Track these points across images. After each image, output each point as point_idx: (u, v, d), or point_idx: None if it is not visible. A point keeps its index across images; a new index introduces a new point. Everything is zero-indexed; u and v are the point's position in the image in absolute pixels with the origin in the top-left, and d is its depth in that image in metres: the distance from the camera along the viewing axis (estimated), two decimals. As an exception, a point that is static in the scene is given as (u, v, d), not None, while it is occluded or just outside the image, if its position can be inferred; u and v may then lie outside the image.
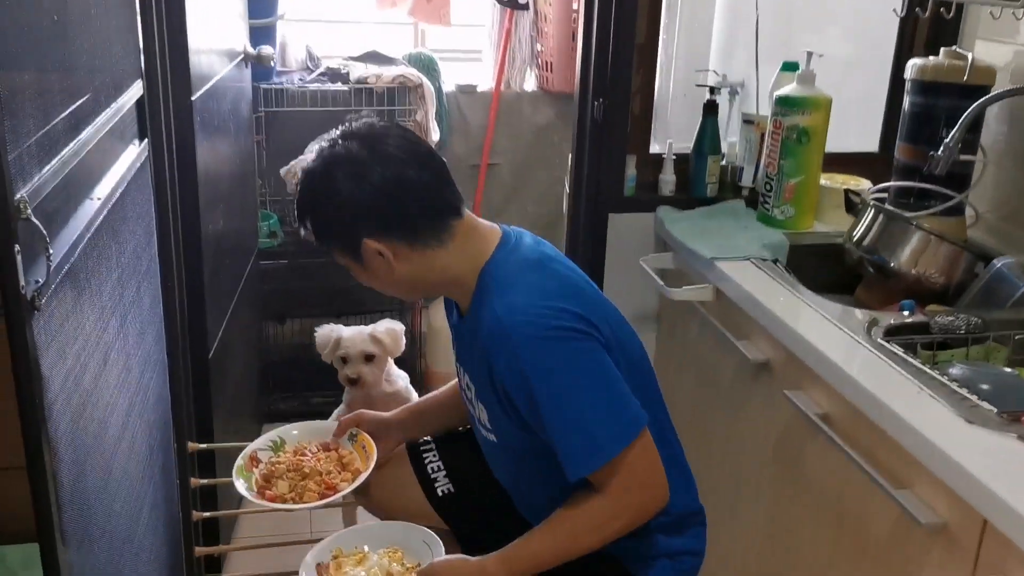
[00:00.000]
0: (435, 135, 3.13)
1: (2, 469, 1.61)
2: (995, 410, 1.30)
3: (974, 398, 1.33)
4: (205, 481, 2.19)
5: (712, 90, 2.13)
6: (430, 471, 1.77)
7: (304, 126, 3.09)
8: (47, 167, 1.10)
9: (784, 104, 2.00)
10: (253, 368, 2.99)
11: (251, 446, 1.79)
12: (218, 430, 2.29)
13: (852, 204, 1.99)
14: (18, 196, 0.98)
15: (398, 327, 2.30)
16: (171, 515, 1.89)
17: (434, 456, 1.78)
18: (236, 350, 2.58)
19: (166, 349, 1.81)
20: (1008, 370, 1.48)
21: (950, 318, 1.61)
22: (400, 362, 3.44)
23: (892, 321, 1.62)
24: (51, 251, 1.04)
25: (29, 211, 0.99)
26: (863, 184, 2.12)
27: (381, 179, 1.38)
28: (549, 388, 1.32)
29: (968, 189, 1.97)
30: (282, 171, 2.99)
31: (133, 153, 1.60)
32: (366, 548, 1.60)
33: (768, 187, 2.06)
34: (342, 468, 1.74)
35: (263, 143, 2.98)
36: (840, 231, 2.08)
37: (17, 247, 0.96)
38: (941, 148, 1.75)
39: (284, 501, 1.67)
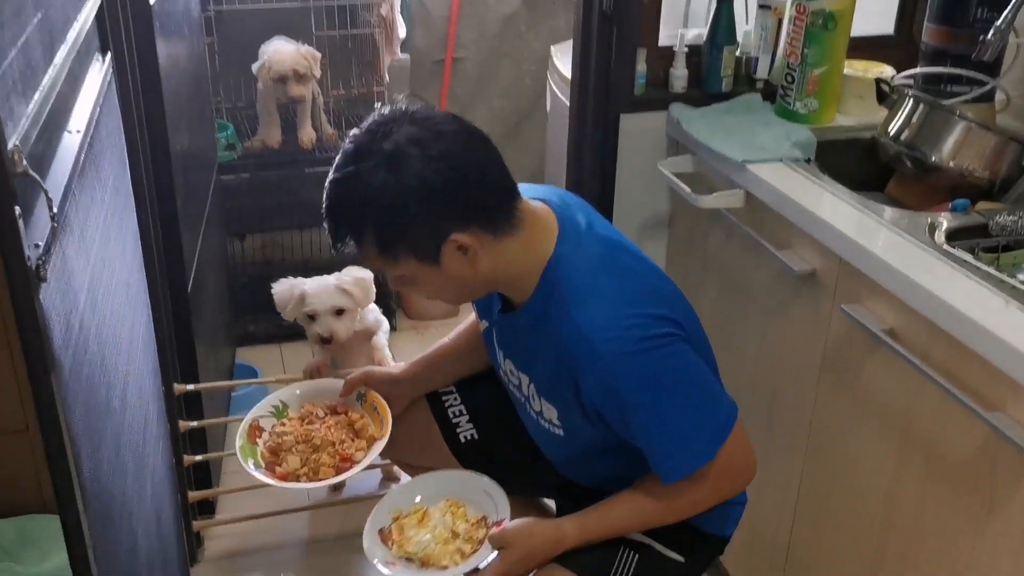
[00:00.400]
0: (402, 31, 2.89)
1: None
2: (1093, 321, 1.21)
3: (1066, 308, 1.24)
4: (195, 423, 2.04)
5: (728, -27, 1.95)
6: (451, 415, 1.65)
7: (257, 24, 2.82)
8: (32, 102, 0.90)
9: (808, -14, 1.84)
10: (224, 293, 2.80)
11: (251, 414, 1.63)
12: (200, 366, 2.12)
13: (883, 95, 1.86)
14: (11, 145, 0.79)
15: (367, 275, 2.10)
16: (168, 463, 1.74)
17: (455, 399, 1.66)
18: (209, 279, 2.39)
19: (147, 290, 1.63)
20: (1084, 273, 1.39)
21: (1012, 218, 1.50)
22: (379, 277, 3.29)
23: (951, 223, 1.51)
24: (55, 209, 0.85)
25: (25, 162, 0.80)
26: (886, 71, 1.98)
27: (456, 162, 1.22)
28: (644, 401, 1.27)
29: (1002, 73, 1.84)
30: (254, 67, 2.72)
31: (98, 72, 1.38)
32: (418, 500, 1.50)
33: (789, 79, 1.91)
34: (355, 435, 1.61)
35: (214, 45, 2.71)
36: (865, 123, 1.95)
37: (18, 210, 0.78)
38: (992, 32, 1.62)
39: (297, 478, 1.54)
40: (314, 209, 3.15)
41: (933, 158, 1.72)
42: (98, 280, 1.15)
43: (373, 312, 2.17)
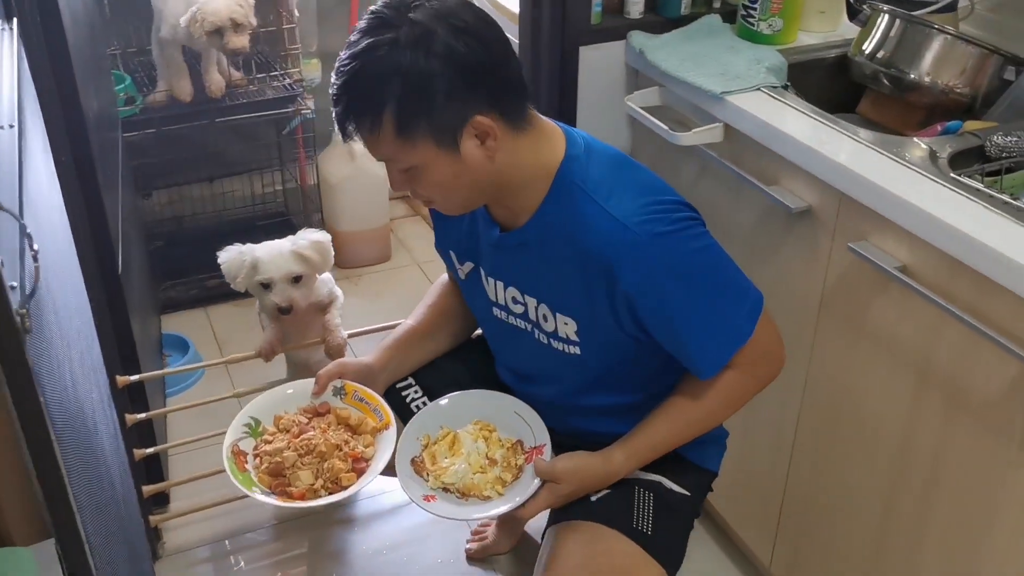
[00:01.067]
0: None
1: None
2: None
3: (1095, 236, 1.20)
4: (143, 415, 1.87)
5: None
6: (414, 410, 1.53)
7: (148, -36, 2.55)
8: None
9: (770, -103, 1.72)
10: (144, 261, 2.58)
11: (228, 439, 1.42)
12: (138, 349, 1.93)
13: (854, 10, 1.77)
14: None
15: (324, 238, 1.93)
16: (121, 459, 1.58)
17: (416, 391, 1.56)
18: (132, 251, 2.18)
19: (82, 277, 1.44)
20: (1092, 192, 1.36)
21: (1009, 138, 1.45)
22: (299, 223, 3.10)
23: (951, 148, 1.45)
24: (36, 247, 0.68)
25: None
26: (847, -16, 1.90)
27: (485, 39, 1.18)
28: (682, 282, 1.24)
29: (969, -19, 1.79)
30: (183, 20, 2.45)
31: (9, 46, 1.18)
32: (443, 424, 1.44)
33: (752, -2, 1.81)
34: (353, 432, 1.45)
35: (103, -10, 2.43)
36: (829, 40, 1.87)
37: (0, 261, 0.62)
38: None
39: (316, 493, 1.36)
40: (225, 159, 3.01)
41: (912, 75, 1.66)
42: (56, 289, 0.98)
43: (327, 283, 2.01)
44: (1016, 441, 1.25)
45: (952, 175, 1.37)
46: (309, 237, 1.90)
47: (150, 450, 1.89)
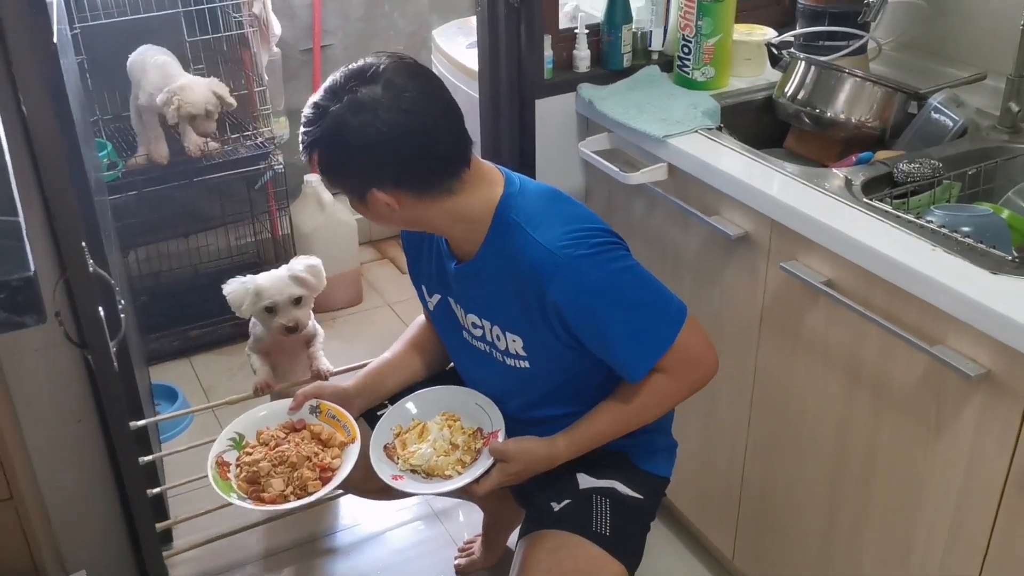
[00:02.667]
0: (276, 28, 2.84)
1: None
2: (1009, 256, 1.38)
3: (984, 247, 1.41)
4: (150, 457, 2.01)
5: (619, -46, 2.03)
6: None
7: (125, 36, 2.72)
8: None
9: (696, -38, 1.95)
10: (133, 316, 2.71)
11: (213, 451, 1.63)
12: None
13: (775, 58, 2.00)
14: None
15: (316, 262, 2.12)
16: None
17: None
18: (127, 307, 2.31)
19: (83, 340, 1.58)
20: (983, 208, 1.58)
21: (913, 165, 1.67)
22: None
23: (863, 176, 1.67)
24: (121, 301, 0.85)
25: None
26: (768, 32, 2.13)
27: (400, 133, 1.36)
28: (601, 297, 1.42)
29: (875, 26, 2.02)
30: (159, 99, 2.60)
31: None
32: (414, 415, 1.65)
33: (686, 50, 2.03)
34: (323, 445, 1.64)
35: (84, 64, 2.59)
36: (756, 84, 2.10)
37: (101, 312, 0.78)
38: (873, -4, 1.78)
39: (286, 499, 1.56)
40: (200, 215, 3.16)
41: (829, 113, 1.88)
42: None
43: (310, 320, 2.18)
44: (931, 424, 1.45)
45: (865, 200, 1.59)
46: (303, 262, 2.08)
47: (156, 489, 2.03)
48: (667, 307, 1.46)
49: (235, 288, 2.06)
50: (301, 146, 1.43)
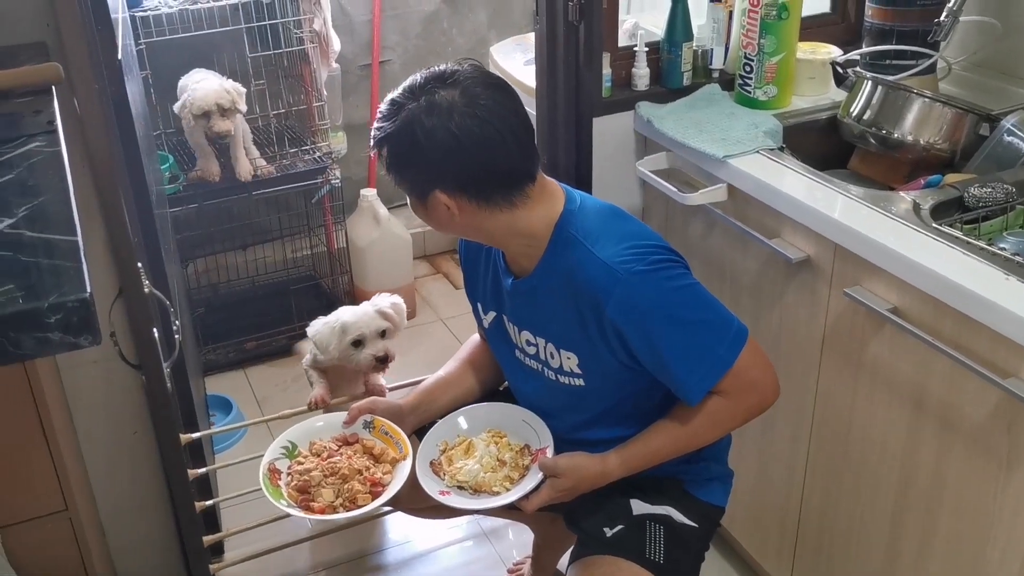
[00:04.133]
0: (336, 44, 2.86)
1: (37, 518, 1.43)
2: (1089, 286, 1.32)
3: (1061, 276, 1.35)
4: (203, 470, 2.02)
5: (680, -29, 2.01)
6: None
7: (189, 52, 2.76)
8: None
9: (760, -21, 1.91)
10: (190, 327, 2.75)
11: (266, 458, 1.64)
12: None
13: (840, 76, 1.95)
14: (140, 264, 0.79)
15: (399, 300, 2.13)
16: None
17: None
18: (185, 318, 2.35)
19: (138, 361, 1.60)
20: (1060, 236, 1.52)
21: (985, 189, 1.62)
22: (329, 285, 3.28)
23: (933, 201, 1.62)
24: (176, 322, 0.85)
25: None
26: (832, 51, 2.08)
27: (470, 141, 1.36)
28: (660, 315, 1.39)
29: (946, 45, 1.96)
30: (176, 106, 2.67)
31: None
32: (461, 432, 1.63)
33: (747, 68, 1.99)
34: (375, 460, 1.64)
35: (149, 78, 2.64)
36: (819, 103, 2.05)
37: (156, 333, 0.78)
38: (945, 13, 1.73)
39: (335, 510, 1.56)
40: (258, 227, 3.20)
41: (896, 135, 1.83)
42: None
43: None
44: (1002, 460, 1.39)
45: (934, 225, 1.53)
46: (388, 300, 2.09)
47: (208, 502, 2.04)
48: (727, 328, 1.43)
49: (320, 329, 2.06)
50: (372, 140, 1.44)
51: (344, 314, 2.05)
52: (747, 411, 1.48)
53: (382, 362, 2.06)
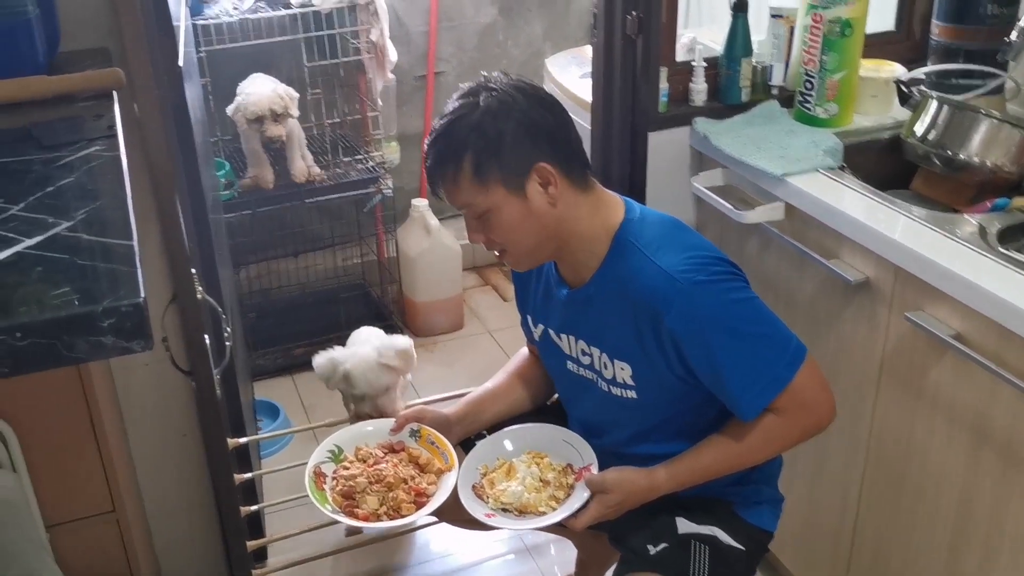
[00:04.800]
0: (392, 55, 2.87)
1: (84, 518, 1.44)
2: None
3: None
4: (248, 475, 2.03)
5: (742, -14, 1.98)
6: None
7: (247, 61, 2.80)
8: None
9: (823, -5, 1.88)
10: (241, 332, 2.77)
11: (312, 461, 1.64)
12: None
13: (905, 95, 1.91)
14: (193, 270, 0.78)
15: (407, 344, 2.03)
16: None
17: None
18: (236, 323, 2.36)
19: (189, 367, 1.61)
20: None
21: (1056, 214, 1.57)
22: (378, 294, 3.29)
23: (999, 224, 1.57)
24: (227, 329, 0.85)
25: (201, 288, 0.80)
26: (896, 69, 2.04)
27: (553, 109, 1.41)
28: (723, 327, 1.37)
29: (1015, 64, 1.91)
30: (229, 109, 2.69)
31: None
32: (500, 455, 1.60)
33: (808, 85, 1.95)
34: (420, 470, 1.63)
35: (208, 86, 2.67)
36: (882, 122, 2.01)
37: (207, 340, 0.78)
38: (1016, 32, 1.68)
39: (378, 518, 1.55)
40: (310, 235, 3.22)
41: (962, 156, 1.78)
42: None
43: None
44: (1070, 497, 1.34)
45: (1001, 249, 1.49)
46: (393, 347, 1.99)
47: (252, 508, 2.04)
48: (786, 344, 1.40)
49: (323, 363, 2.00)
50: (432, 172, 1.42)
51: (349, 361, 1.96)
52: (802, 431, 1.45)
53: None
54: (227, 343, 0.82)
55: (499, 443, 1.63)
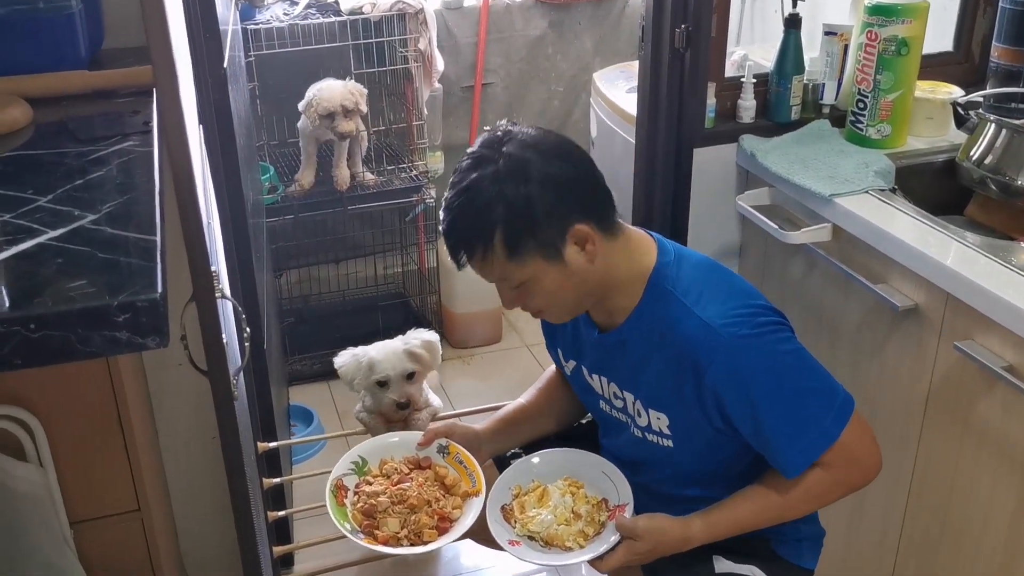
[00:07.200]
0: (440, 64, 2.87)
1: (109, 516, 1.43)
2: None
3: None
4: (277, 480, 2.02)
5: (795, 1, 1.94)
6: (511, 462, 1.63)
7: (296, 66, 2.81)
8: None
9: (879, 13, 1.83)
10: (278, 336, 2.77)
11: (334, 473, 1.58)
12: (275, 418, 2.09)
13: (961, 118, 1.85)
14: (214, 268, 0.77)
15: (434, 337, 1.99)
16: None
17: None
18: (273, 326, 2.36)
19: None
20: None
21: (1118, 245, 1.50)
22: (417, 304, 3.28)
23: (1057, 254, 1.51)
24: (247, 329, 0.83)
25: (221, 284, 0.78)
26: (954, 91, 1.98)
27: (572, 158, 1.32)
28: (765, 383, 1.30)
29: (1078, 91, 1.85)
30: (301, 105, 2.69)
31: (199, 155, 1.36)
32: (535, 478, 1.53)
33: (861, 105, 1.90)
34: (446, 491, 1.57)
35: (256, 90, 2.68)
36: (937, 145, 1.95)
37: (225, 338, 0.76)
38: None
39: (399, 542, 1.49)
40: (351, 242, 3.22)
41: (1020, 182, 1.72)
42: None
43: (426, 391, 2.05)
44: (1125, 543, 1.27)
45: (1058, 280, 1.42)
46: (420, 337, 1.97)
47: (281, 513, 2.03)
48: (833, 398, 1.33)
49: (347, 361, 1.97)
50: (458, 254, 1.32)
51: (373, 351, 1.94)
52: (847, 487, 1.39)
53: (402, 408, 1.93)
54: (245, 343, 0.81)
55: (536, 464, 1.56)
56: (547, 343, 1.62)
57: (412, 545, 1.50)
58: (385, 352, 1.95)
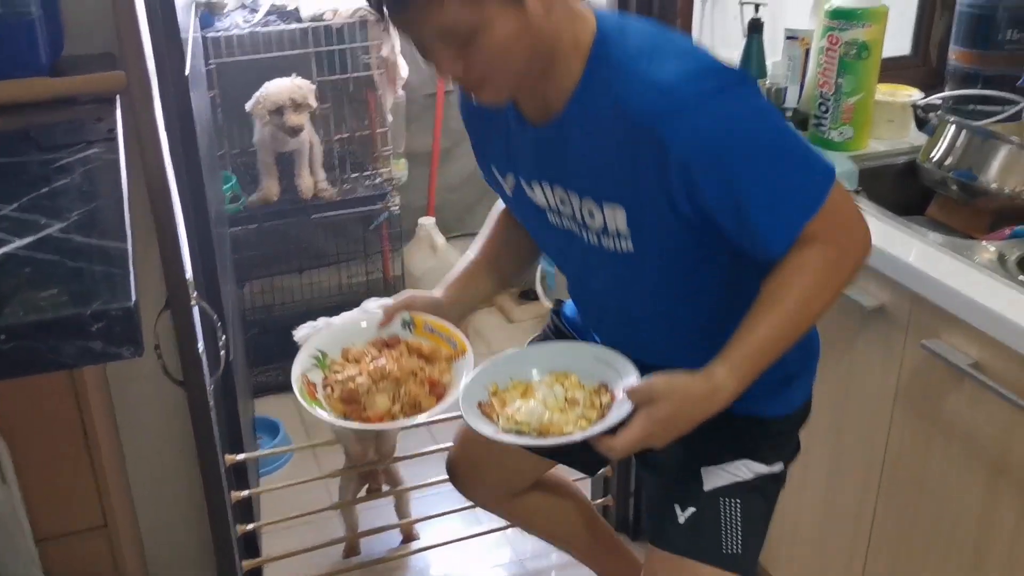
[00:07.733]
0: (404, 71, 2.86)
1: (75, 533, 1.40)
2: None
3: None
4: (245, 493, 1.99)
5: (756, 6, 1.96)
6: None
7: (257, 75, 2.78)
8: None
9: (840, 17, 1.85)
10: (242, 348, 2.74)
11: (296, 370, 1.38)
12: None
13: (921, 120, 1.88)
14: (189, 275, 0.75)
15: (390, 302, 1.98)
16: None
17: None
18: (237, 338, 2.33)
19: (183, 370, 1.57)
20: None
21: (1077, 242, 1.53)
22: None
23: (1019, 252, 1.53)
24: (223, 336, 0.81)
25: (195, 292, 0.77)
26: (914, 94, 2.01)
27: None
28: (743, 144, 1.13)
29: (1033, 92, 1.88)
30: (248, 104, 2.67)
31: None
32: (513, 377, 1.30)
33: (823, 108, 1.93)
34: (426, 361, 1.38)
35: (216, 98, 2.65)
36: (898, 147, 1.98)
37: (201, 347, 0.74)
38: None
39: (394, 418, 1.31)
40: (314, 251, 3.19)
41: (980, 182, 1.75)
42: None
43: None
44: (1092, 534, 1.30)
45: (1021, 277, 1.45)
46: (377, 302, 1.90)
47: (250, 526, 2.00)
48: (814, 160, 1.17)
49: (304, 331, 1.85)
50: None
51: (335, 319, 1.74)
52: (848, 256, 1.20)
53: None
54: (221, 352, 0.79)
55: (513, 362, 1.34)
56: (480, 163, 1.44)
57: (412, 415, 1.32)
58: (345, 317, 1.77)
